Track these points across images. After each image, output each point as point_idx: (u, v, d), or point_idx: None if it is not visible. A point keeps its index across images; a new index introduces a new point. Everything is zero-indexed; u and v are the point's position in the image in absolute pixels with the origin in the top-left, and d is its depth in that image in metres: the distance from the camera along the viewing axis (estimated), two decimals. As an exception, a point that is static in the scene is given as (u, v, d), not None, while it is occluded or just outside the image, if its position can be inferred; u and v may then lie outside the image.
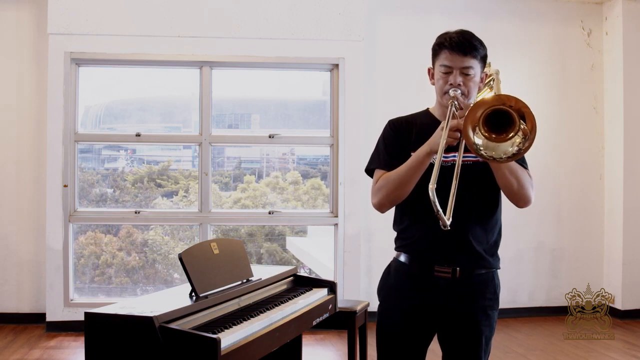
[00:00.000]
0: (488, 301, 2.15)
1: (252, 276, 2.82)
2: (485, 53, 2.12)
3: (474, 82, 2.09)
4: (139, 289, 5.49)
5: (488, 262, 2.16)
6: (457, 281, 2.09)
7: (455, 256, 2.09)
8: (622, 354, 4.48)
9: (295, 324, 2.61)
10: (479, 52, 2.08)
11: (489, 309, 2.14)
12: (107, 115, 5.61)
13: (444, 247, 2.08)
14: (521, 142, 1.87)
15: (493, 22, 5.52)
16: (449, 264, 2.09)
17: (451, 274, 2.09)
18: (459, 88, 2.05)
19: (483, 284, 2.14)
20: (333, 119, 5.32)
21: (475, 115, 1.86)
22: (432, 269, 2.10)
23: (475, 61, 2.07)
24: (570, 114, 5.75)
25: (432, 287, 2.10)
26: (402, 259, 2.18)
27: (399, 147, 2.16)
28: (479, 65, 2.09)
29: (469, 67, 2.06)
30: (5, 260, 5.17)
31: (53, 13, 4.96)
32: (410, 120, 2.22)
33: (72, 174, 5.12)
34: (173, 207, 5.50)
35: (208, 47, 5.14)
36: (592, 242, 5.77)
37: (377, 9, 5.43)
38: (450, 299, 2.09)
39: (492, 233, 2.18)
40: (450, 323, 2.12)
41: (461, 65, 2.06)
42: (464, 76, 2.06)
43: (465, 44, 2.05)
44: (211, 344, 2.01)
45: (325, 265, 5.56)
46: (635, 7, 5.53)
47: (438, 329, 2.16)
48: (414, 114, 2.25)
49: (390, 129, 2.22)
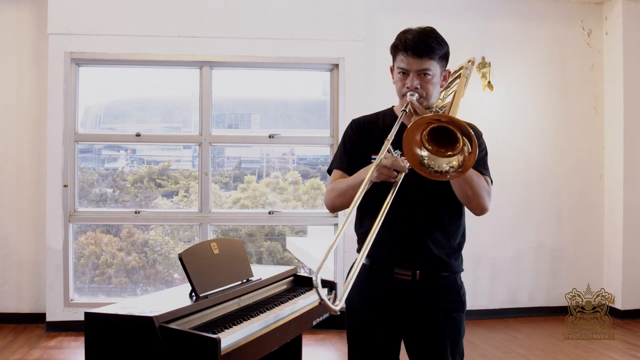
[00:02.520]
0: (451, 304, 2.10)
1: (252, 276, 2.82)
2: (446, 51, 2.06)
3: (433, 83, 2.04)
4: (139, 289, 5.49)
5: (449, 266, 2.11)
6: (418, 284, 2.06)
7: (415, 260, 2.06)
8: (622, 354, 4.48)
9: (295, 324, 2.61)
10: (436, 52, 2.02)
11: (453, 312, 2.09)
12: (107, 115, 5.60)
13: (404, 250, 2.07)
14: (462, 159, 1.77)
15: (493, 22, 5.52)
16: (409, 267, 2.06)
17: (411, 277, 2.06)
18: (416, 91, 2.02)
19: (445, 287, 2.10)
20: (333, 119, 5.32)
21: (415, 136, 1.80)
22: (392, 270, 2.09)
23: (433, 62, 2.02)
24: (570, 114, 5.75)
25: (393, 289, 2.08)
26: (364, 262, 2.14)
27: (358, 149, 2.15)
28: (438, 65, 2.04)
29: (425, 69, 2.02)
30: (5, 260, 5.17)
31: (53, 13, 4.96)
32: (373, 120, 2.20)
33: (72, 174, 5.12)
34: (173, 207, 5.49)
35: (208, 47, 5.14)
36: (592, 242, 5.77)
37: (377, 9, 5.43)
38: (412, 302, 2.06)
39: (455, 237, 2.13)
40: (413, 327, 2.09)
41: (417, 68, 2.02)
42: (421, 78, 2.02)
43: (420, 46, 2.00)
44: (211, 344, 2.01)
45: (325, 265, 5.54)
46: (635, 7, 5.53)
47: (404, 335, 2.13)
48: (378, 113, 2.24)
49: (351, 130, 2.21)
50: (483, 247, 5.45)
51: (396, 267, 2.07)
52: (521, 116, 5.66)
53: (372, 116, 2.23)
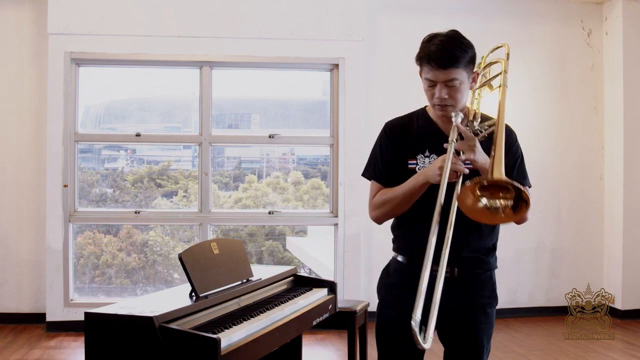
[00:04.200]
0: (486, 299, 2.16)
1: (252, 276, 2.82)
2: (472, 54, 2.05)
3: (461, 90, 2.04)
4: (139, 289, 5.49)
5: (486, 263, 2.18)
6: (456, 280, 2.11)
7: (454, 258, 2.08)
8: (622, 354, 4.48)
9: (295, 324, 2.61)
10: (461, 61, 2.00)
11: (487, 307, 2.16)
12: (107, 115, 5.61)
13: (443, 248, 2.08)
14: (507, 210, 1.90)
15: (493, 22, 5.52)
16: (448, 264, 2.07)
17: (450, 274, 2.09)
18: (445, 102, 2.04)
19: (481, 283, 2.16)
20: (333, 119, 5.32)
21: (468, 200, 1.88)
22: (431, 268, 2.10)
23: (459, 70, 2.01)
24: (570, 114, 5.75)
25: (431, 286, 2.10)
26: (400, 259, 2.20)
27: (395, 155, 2.15)
28: (465, 72, 2.03)
29: (452, 79, 2.01)
30: (5, 260, 5.17)
31: (53, 13, 4.96)
32: (406, 122, 2.20)
33: (72, 174, 5.12)
34: (173, 207, 5.50)
35: (208, 47, 5.14)
36: (592, 242, 5.77)
37: (377, 9, 5.43)
38: (449, 298, 2.09)
39: (490, 237, 2.19)
40: (449, 322, 2.13)
41: (444, 79, 2.01)
42: (448, 88, 2.03)
43: (444, 57, 1.99)
44: (211, 344, 2.01)
45: (325, 265, 5.56)
46: (635, 7, 5.53)
47: (437, 327, 2.16)
48: (411, 114, 2.23)
49: (386, 136, 2.20)
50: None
51: (435, 264, 2.08)
52: (521, 116, 5.66)
53: (405, 118, 2.22)
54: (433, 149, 2.10)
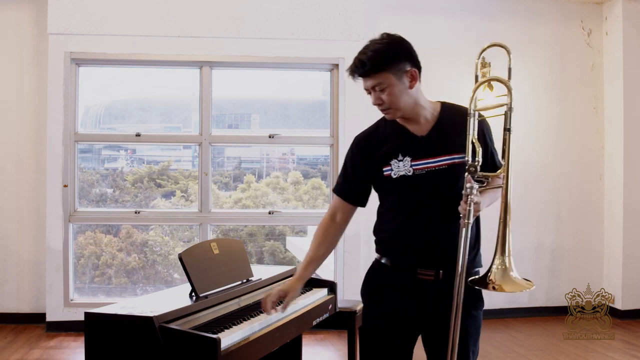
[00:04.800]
0: (472, 301, 2.11)
1: (252, 276, 2.82)
2: (395, 54, 2.02)
3: (394, 93, 2.04)
4: (139, 289, 5.49)
5: (470, 263, 2.12)
6: (441, 283, 2.06)
7: (438, 260, 2.07)
8: (622, 354, 4.48)
9: (295, 324, 2.61)
10: (377, 67, 2.02)
11: (473, 310, 2.12)
12: (107, 115, 5.61)
13: (427, 251, 2.07)
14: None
15: (493, 22, 5.52)
16: (432, 267, 2.07)
17: (434, 277, 2.06)
18: (382, 106, 2.07)
19: (465, 285, 2.09)
20: (333, 119, 5.32)
21: None
22: (415, 271, 2.09)
23: (383, 74, 2.02)
24: (570, 114, 5.75)
25: (416, 290, 2.08)
26: (383, 262, 2.17)
27: (368, 167, 2.16)
28: (391, 74, 2.02)
29: (377, 84, 2.04)
30: (5, 260, 5.17)
31: (53, 13, 4.96)
32: (374, 131, 2.20)
33: (72, 174, 5.12)
34: (173, 207, 5.50)
35: (208, 47, 5.14)
36: (592, 242, 5.77)
37: (377, 9, 5.43)
38: (435, 301, 2.07)
39: (472, 233, 2.12)
40: (435, 326, 2.09)
41: (371, 85, 2.06)
42: (380, 92, 2.05)
43: (359, 66, 2.04)
44: (211, 343, 2.01)
45: (325, 265, 5.55)
46: (635, 7, 5.53)
47: (422, 332, 2.14)
48: (378, 122, 2.23)
49: (357, 149, 2.21)
50: (483, 247, 5.44)
51: (419, 267, 2.08)
52: (521, 116, 5.65)
53: (373, 127, 2.23)
54: (406, 152, 2.09)
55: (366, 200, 2.24)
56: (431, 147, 2.07)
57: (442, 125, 2.11)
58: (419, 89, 2.11)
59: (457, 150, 2.04)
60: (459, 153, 2.04)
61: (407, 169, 2.07)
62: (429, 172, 2.06)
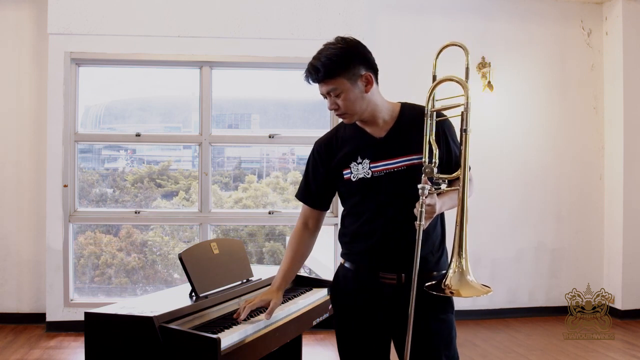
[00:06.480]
0: (439, 305, 2.06)
1: (252, 276, 2.82)
2: (348, 60, 2.01)
3: (348, 98, 2.04)
4: (139, 289, 5.49)
5: (434, 266, 2.09)
6: (404, 287, 2.02)
7: (399, 263, 2.04)
8: (622, 354, 4.48)
9: (295, 324, 2.61)
10: (332, 72, 2.00)
11: (441, 313, 2.07)
12: (107, 115, 5.60)
13: (388, 255, 2.05)
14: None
15: (493, 22, 5.52)
16: (394, 270, 2.05)
17: (396, 280, 2.04)
18: (338, 111, 2.07)
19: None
20: (333, 119, 5.32)
21: None
22: (377, 274, 2.07)
23: (337, 79, 2.01)
24: (570, 114, 5.75)
25: (379, 294, 2.07)
26: (347, 265, 2.17)
27: (328, 171, 2.17)
28: (345, 79, 2.02)
29: (331, 89, 2.04)
30: (5, 260, 5.17)
31: (53, 13, 4.97)
32: (333, 135, 2.22)
33: (72, 174, 5.12)
34: (173, 207, 5.49)
35: (208, 47, 5.14)
36: (592, 242, 5.77)
37: (377, 9, 5.43)
38: (399, 306, 2.03)
39: (435, 234, 2.11)
40: (403, 330, 2.03)
41: (325, 91, 2.06)
42: (335, 97, 2.05)
43: (312, 74, 2.03)
44: (211, 343, 2.01)
45: (325, 265, 5.56)
46: (635, 7, 5.53)
47: (393, 336, 2.12)
48: (337, 127, 2.24)
49: (317, 154, 2.23)
50: (483, 247, 5.46)
51: (381, 271, 2.06)
52: (521, 116, 5.66)
53: (332, 132, 2.24)
54: (364, 154, 2.09)
55: (329, 203, 2.27)
56: (389, 148, 2.06)
57: (401, 126, 2.09)
58: (376, 92, 2.11)
59: (416, 151, 2.02)
60: (417, 154, 2.01)
61: (366, 172, 2.06)
62: (388, 174, 2.04)
